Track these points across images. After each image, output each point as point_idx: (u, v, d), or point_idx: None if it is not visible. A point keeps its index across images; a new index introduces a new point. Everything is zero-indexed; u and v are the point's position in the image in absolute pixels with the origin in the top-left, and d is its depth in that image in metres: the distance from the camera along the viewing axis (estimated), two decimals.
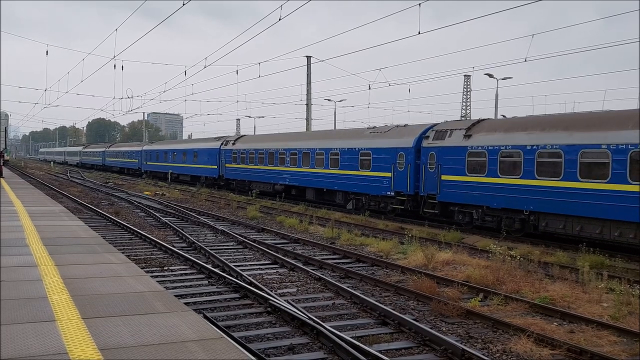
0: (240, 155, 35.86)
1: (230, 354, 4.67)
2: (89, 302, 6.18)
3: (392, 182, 22.46)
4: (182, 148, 47.83)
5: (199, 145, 43.82)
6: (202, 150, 42.19)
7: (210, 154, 40.38)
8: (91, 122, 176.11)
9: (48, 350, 4.60)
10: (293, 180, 29.69)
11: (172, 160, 48.70)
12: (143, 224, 20.52)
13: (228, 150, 37.79)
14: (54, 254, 9.07)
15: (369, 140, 24.36)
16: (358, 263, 14.01)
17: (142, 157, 57.17)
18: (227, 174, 37.80)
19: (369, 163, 23.87)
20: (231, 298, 10.09)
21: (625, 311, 9.19)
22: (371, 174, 23.64)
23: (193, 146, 45.21)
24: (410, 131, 22.73)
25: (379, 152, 23.40)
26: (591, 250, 14.08)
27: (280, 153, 31.08)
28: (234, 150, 36.86)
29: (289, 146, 30.44)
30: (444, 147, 20.09)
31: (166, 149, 51.52)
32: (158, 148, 54.55)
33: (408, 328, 8.24)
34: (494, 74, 45.74)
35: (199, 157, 42.64)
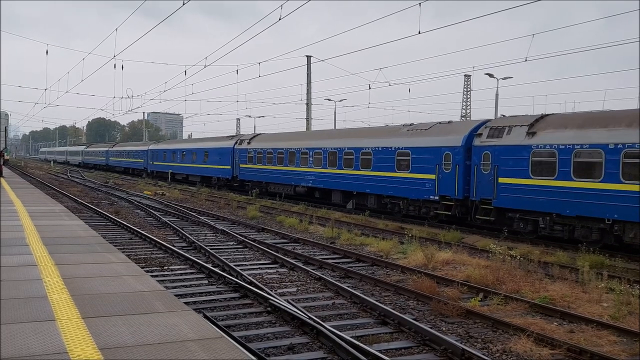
0: (257, 155, 33.46)
1: (230, 354, 4.67)
2: (89, 301, 6.19)
3: (436, 185, 20.30)
4: (191, 147, 45.34)
5: (210, 145, 41.43)
6: (214, 150, 39.76)
7: (223, 153, 38.01)
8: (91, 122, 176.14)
9: (48, 350, 4.60)
10: (317, 182, 27.60)
11: (181, 160, 46.43)
12: (143, 223, 20.52)
13: (243, 149, 35.33)
14: (54, 254, 9.07)
15: (407, 139, 22.15)
16: (358, 263, 14.02)
17: (148, 157, 55.02)
18: (242, 175, 35.52)
19: (407, 164, 21.75)
20: (231, 298, 10.09)
21: (625, 311, 9.19)
22: (410, 176, 21.52)
23: (203, 145, 42.69)
24: (457, 128, 20.65)
25: (420, 152, 21.19)
26: (591, 250, 14.09)
27: (302, 152, 28.86)
28: (249, 150, 34.46)
29: (313, 145, 28.22)
30: (502, 147, 17.87)
31: (174, 149, 49.19)
32: (165, 147, 52.08)
33: (408, 328, 8.24)
34: (494, 74, 45.77)
35: (210, 157, 40.32)
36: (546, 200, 16.49)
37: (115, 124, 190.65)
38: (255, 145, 34.18)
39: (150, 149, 55.30)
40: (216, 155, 39.22)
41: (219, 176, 39.04)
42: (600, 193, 15.15)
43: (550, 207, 16.40)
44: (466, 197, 19.44)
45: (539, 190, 16.72)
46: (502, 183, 17.84)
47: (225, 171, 37.98)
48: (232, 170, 36.81)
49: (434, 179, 20.46)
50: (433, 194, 20.52)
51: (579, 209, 15.66)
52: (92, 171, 73.23)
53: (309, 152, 28.30)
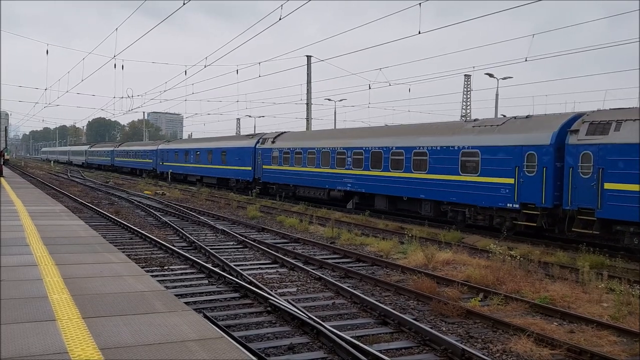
0: (283, 155, 30.42)
1: (231, 354, 4.68)
2: (89, 301, 6.19)
3: (515, 190, 17.20)
4: (207, 147, 41.89)
5: (228, 144, 38.26)
6: (233, 150, 36.63)
7: (243, 153, 34.91)
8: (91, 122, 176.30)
9: (48, 350, 4.60)
10: (357, 186, 24.59)
11: (195, 161, 43.40)
12: (143, 223, 20.53)
13: (266, 149, 32.29)
14: (54, 254, 9.07)
15: (474, 137, 19.18)
16: (358, 263, 14.02)
17: (158, 157, 52.10)
18: (266, 177, 32.41)
19: (475, 165, 18.77)
20: (231, 297, 10.10)
21: (625, 311, 9.19)
22: (480, 180, 18.50)
23: (220, 145, 39.55)
24: (541, 124, 17.54)
25: (493, 152, 18.21)
26: (591, 250, 14.08)
27: (338, 153, 25.92)
28: (274, 150, 31.44)
29: (352, 144, 25.25)
30: (609, 145, 14.91)
31: (187, 148, 45.90)
32: (177, 147, 48.83)
33: (408, 328, 8.24)
34: (494, 74, 45.77)
35: (228, 158, 37.25)
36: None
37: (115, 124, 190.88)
38: (281, 145, 31.17)
39: (160, 149, 52.32)
40: (235, 156, 36.23)
41: (239, 178, 36.06)
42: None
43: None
44: (556, 206, 16.37)
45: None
46: (609, 189, 14.88)
47: (245, 173, 34.97)
48: (253, 171, 33.85)
49: (512, 183, 17.36)
50: (511, 201, 17.39)
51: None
52: (92, 171, 73.17)
53: (347, 152, 25.34)
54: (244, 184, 35.67)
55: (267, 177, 32.36)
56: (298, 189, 29.54)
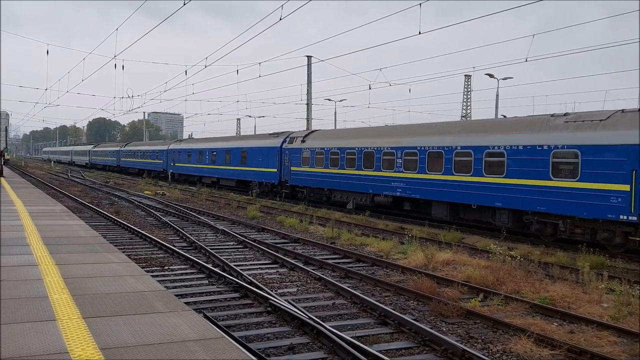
0: (316, 156, 27.40)
1: (231, 354, 4.68)
2: (89, 301, 6.19)
3: (631, 200, 14.24)
4: (224, 147, 38.47)
5: (250, 143, 35.06)
6: (255, 150, 33.44)
7: (267, 154, 31.81)
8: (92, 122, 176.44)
9: (49, 350, 4.60)
10: (410, 191, 21.49)
11: (211, 162, 40.09)
12: (143, 223, 20.53)
13: (295, 149, 29.24)
14: (54, 253, 9.07)
15: (570, 134, 16.01)
16: (358, 263, 14.02)
17: (169, 158, 49.15)
18: (295, 180, 29.29)
19: (573, 168, 15.76)
20: (231, 298, 10.10)
21: (626, 312, 9.19)
22: (580, 186, 15.53)
23: (240, 144, 36.36)
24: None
25: (598, 152, 15.16)
26: (591, 250, 14.08)
27: (385, 153, 22.85)
28: (304, 150, 28.42)
29: (403, 144, 22.17)
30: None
31: (202, 148, 42.49)
32: (190, 147, 45.40)
33: (408, 328, 8.25)
34: (494, 74, 45.77)
35: (249, 158, 34.05)
36: None
37: (115, 124, 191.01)
38: (313, 144, 28.11)
39: (171, 149, 49.31)
40: (258, 156, 33.01)
41: (262, 181, 32.78)
42: None
43: None
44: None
45: None
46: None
47: (269, 175, 31.75)
48: (279, 173, 30.75)
49: (628, 191, 14.36)
50: (625, 212, 14.42)
51: None
52: (92, 171, 73.11)
53: (397, 153, 22.20)
54: (267, 187, 32.51)
55: (296, 179, 29.25)
56: (334, 194, 26.57)
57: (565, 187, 15.99)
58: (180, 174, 46.96)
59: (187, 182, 43.91)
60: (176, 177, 47.49)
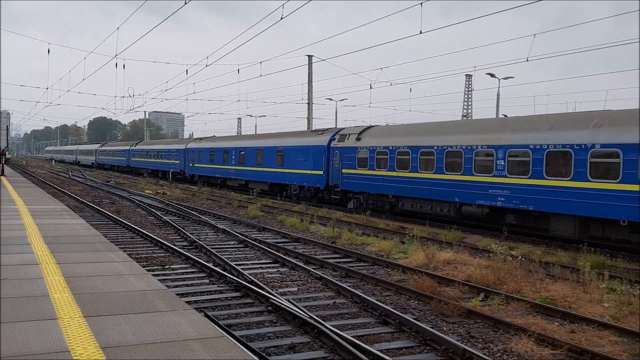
0: (377, 156, 23.27)
1: (232, 353, 4.68)
2: (90, 300, 6.19)
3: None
4: (255, 145, 34.44)
5: (288, 141, 31.09)
6: (295, 149, 29.55)
7: (312, 153, 27.78)
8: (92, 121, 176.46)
9: (50, 349, 4.60)
10: (518, 201, 17.25)
11: (238, 162, 35.91)
12: (144, 222, 20.54)
13: (348, 148, 25.16)
14: (55, 252, 9.08)
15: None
16: (359, 262, 14.02)
17: (187, 157, 45.44)
18: (347, 184, 25.14)
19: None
20: (232, 297, 10.10)
21: (626, 311, 9.19)
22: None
23: (276, 142, 32.39)
24: None
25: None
26: (592, 250, 14.07)
27: (479, 153, 18.72)
28: (360, 149, 24.28)
29: (505, 141, 17.84)
30: None
31: (227, 147, 38.25)
32: (213, 146, 41.11)
33: (409, 327, 8.25)
34: (495, 74, 45.73)
35: (288, 159, 30.16)
36: None
37: (116, 123, 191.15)
38: (372, 142, 24.02)
39: (189, 148, 45.30)
40: (298, 156, 29.01)
41: (303, 184, 28.84)
42: None
43: None
44: None
45: None
46: None
47: (314, 178, 27.70)
48: (326, 176, 26.75)
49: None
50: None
51: None
52: (93, 170, 73.09)
53: (496, 152, 18.02)
54: (310, 192, 28.53)
55: (350, 184, 25.01)
56: (401, 202, 22.26)
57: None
58: (201, 176, 43.04)
59: (208, 184, 40.28)
60: (196, 178, 43.95)
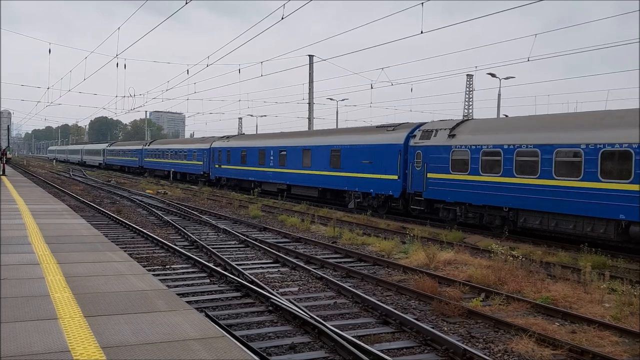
0: (483, 158, 18.39)
1: (232, 353, 4.68)
2: (91, 300, 6.19)
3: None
4: (302, 144, 29.55)
5: (346, 139, 26.27)
6: (358, 149, 24.87)
7: (381, 153, 23.22)
8: (93, 121, 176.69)
9: (50, 348, 4.60)
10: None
11: (278, 163, 31.39)
12: (145, 222, 20.55)
13: (437, 147, 20.37)
14: (56, 252, 9.08)
15: None
16: (359, 262, 14.02)
17: (212, 158, 41.05)
18: (434, 192, 20.30)
19: None
20: (233, 297, 10.10)
21: (627, 312, 9.18)
22: None
23: (330, 141, 27.52)
24: None
25: None
26: (593, 250, 14.06)
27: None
28: (455, 148, 19.58)
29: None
30: None
31: (264, 146, 33.50)
32: (245, 145, 36.09)
33: (409, 327, 8.24)
34: (496, 74, 45.69)
35: (347, 160, 25.46)
36: None
37: (117, 123, 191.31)
38: (474, 140, 18.96)
39: (215, 147, 40.59)
40: (361, 157, 24.54)
41: (369, 191, 24.02)
42: None
43: None
44: None
45: None
46: None
47: (385, 184, 23.07)
48: (402, 182, 22.11)
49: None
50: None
51: None
52: (94, 170, 73.05)
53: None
54: (378, 201, 23.76)
55: (439, 192, 20.20)
56: (524, 216, 17.37)
57: None
58: (229, 179, 38.29)
59: (239, 189, 35.80)
60: (223, 182, 39.39)
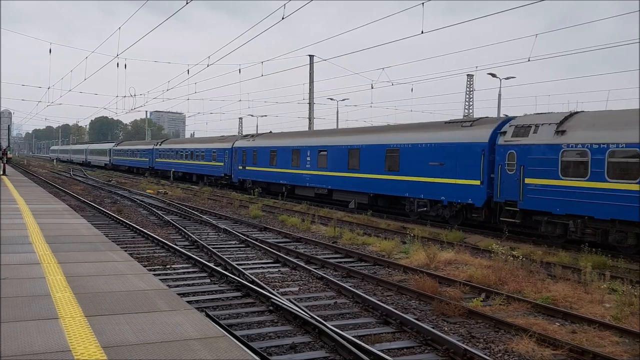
0: (610, 160, 14.77)
1: (233, 353, 4.68)
2: (92, 299, 6.20)
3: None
4: (348, 143, 26.07)
5: (408, 137, 22.63)
6: (423, 148, 21.42)
7: (455, 154, 19.98)
8: (94, 121, 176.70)
9: (51, 348, 4.61)
10: None
11: (317, 165, 27.98)
12: (145, 222, 20.55)
13: (539, 146, 16.68)
14: (57, 252, 9.09)
15: None
16: (360, 262, 14.02)
17: (234, 159, 37.48)
18: (536, 202, 16.73)
19: None
20: (233, 297, 10.11)
21: (628, 312, 9.18)
22: None
23: (386, 139, 23.88)
24: None
25: None
26: (593, 250, 14.06)
27: None
28: (567, 147, 15.82)
29: None
30: None
31: (298, 146, 30.07)
32: (274, 144, 32.87)
33: (410, 327, 8.25)
34: (497, 74, 45.67)
35: (407, 161, 22.13)
36: None
37: (118, 123, 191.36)
38: (598, 138, 15.15)
39: (238, 147, 37.00)
40: (428, 157, 21.11)
41: (440, 198, 20.55)
42: None
43: None
44: None
45: None
46: None
47: (461, 190, 19.58)
48: (486, 188, 18.79)
49: None
50: None
51: None
52: (94, 169, 73.01)
53: None
54: (451, 210, 20.37)
55: (540, 201, 16.48)
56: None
57: None
58: (255, 182, 34.64)
59: (270, 194, 32.71)
60: (247, 185, 35.76)
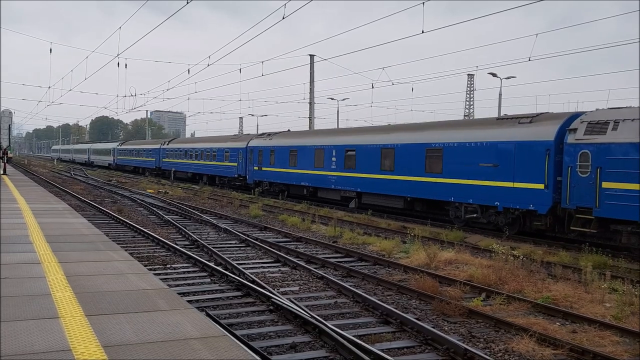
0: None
1: (233, 352, 4.68)
2: (92, 299, 6.20)
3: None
4: (379, 142, 23.41)
5: (452, 135, 19.88)
6: (470, 148, 18.91)
7: (510, 153, 17.42)
8: (94, 120, 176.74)
9: (51, 347, 4.61)
10: None
11: (343, 166, 25.28)
12: (146, 221, 20.56)
13: (614, 145, 14.58)
14: (57, 251, 9.09)
15: None
16: (360, 262, 14.02)
17: (249, 159, 35.05)
18: (612, 209, 14.59)
19: None
20: (233, 296, 10.11)
21: (628, 311, 9.18)
22: None
23: (425, 137, 21.01)
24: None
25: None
26: (594, 250, 14.06)
27: None
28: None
29: None
30: None
31: (322, 145, 27.48)
32: (294, 143, 30.06)
33: (410, 327, 8.25)
34: (497, 73, 45.67)
35: (451, 162, 19.56)
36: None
37: (118, 122, 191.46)
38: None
39: (253, 147, 34.47)
40: (476, 158, 18.61)
41: (494, 204, 18.06)
42: None
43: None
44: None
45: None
46: None
47: (520, 195, 17.15)
48: (551, 194, 16.27)
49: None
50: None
51: None
52: (95, 169, 73.01)
53: None
54: (507, 218, 17.91)
55: (623, 209, 14.39)
56: None
57: None
58: (272, 183, 32.27)
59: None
60: (264, 187, 33.12)
